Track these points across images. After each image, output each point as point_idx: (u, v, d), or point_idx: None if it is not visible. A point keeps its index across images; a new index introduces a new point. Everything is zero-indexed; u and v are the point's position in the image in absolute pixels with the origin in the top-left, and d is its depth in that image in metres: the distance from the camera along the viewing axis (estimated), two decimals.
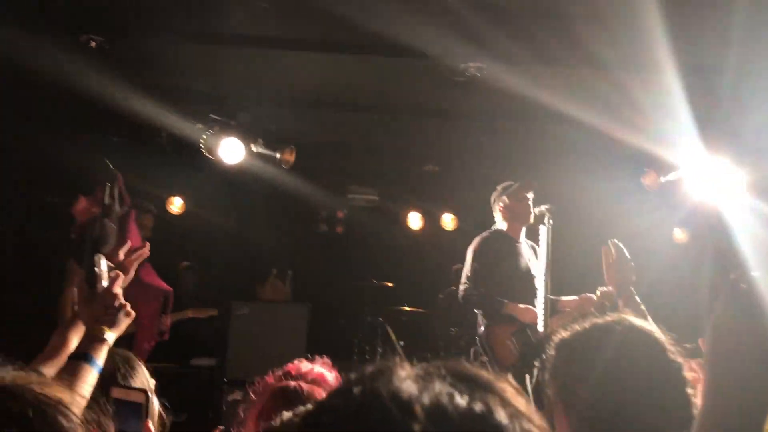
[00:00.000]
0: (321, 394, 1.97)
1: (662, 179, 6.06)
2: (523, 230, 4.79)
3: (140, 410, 1.65)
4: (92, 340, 1.91)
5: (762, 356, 1.12)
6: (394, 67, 5.06)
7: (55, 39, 4.41)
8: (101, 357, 1.89)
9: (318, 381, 1.99)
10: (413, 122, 6.39)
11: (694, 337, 1.77)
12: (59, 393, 0.93)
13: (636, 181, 6.27)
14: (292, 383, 1.97)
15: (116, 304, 2.00)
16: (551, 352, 1.62)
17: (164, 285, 4.26)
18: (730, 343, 1.15)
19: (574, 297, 4.78)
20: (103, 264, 2.05)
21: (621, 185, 6.50)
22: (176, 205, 7.78)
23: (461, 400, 0.65)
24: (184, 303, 7.14)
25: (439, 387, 0.67)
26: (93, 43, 4.47)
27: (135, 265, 2.13)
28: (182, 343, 6.20)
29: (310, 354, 2.17)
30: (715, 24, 4.04)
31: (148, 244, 2.12)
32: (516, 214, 4.79)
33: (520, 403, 0.69)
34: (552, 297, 4.85)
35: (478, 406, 0.65)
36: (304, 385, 1.96)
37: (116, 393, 1.69)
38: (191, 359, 6.94)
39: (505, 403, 0.67)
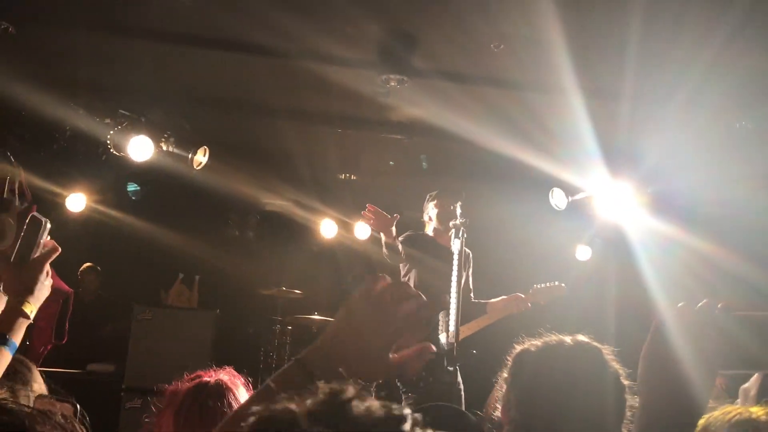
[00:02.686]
0: (243, 390, 1.94)
1: (569, 199, 6.30)
2: (452, 239, 4.82)
3: None
4: (15, 314, 1.80)
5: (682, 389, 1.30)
6: (311, 74, 5.04)
7: None
8: (19, 337, 1.79)
9: (232, 383, 1.95)
10: (330, 130, 6.38)
11: None
12: None
13: (543, 200, 6.49)
14: (211, 379, 1.92)
15: (43, 275, 1.88)
16: (509, 361, 1.78)
17: (65, 286, 4.04)
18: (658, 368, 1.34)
19: (503, 297, 5.00)
20: (46, 234, 1.95)
21: (529, 205, 6.71)
22: (77, 202, 7.42)
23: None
24: (87, 305, 6.83)
25: None
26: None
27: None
28: (79, 348, 5.89)
29: (216, 363, 2.11)
30: (611, 51, 4.26)
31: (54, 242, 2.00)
32: (447, 212, 5.01)
33: None
34: (481, 301, 4.99)
35: None
36: (223, 380, 1.92)
37: (40, 404, 1.61)
38: (88, 364, 6.63)
39: None
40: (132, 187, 7.64)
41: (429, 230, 5.28)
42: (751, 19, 3.72)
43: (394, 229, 4.98)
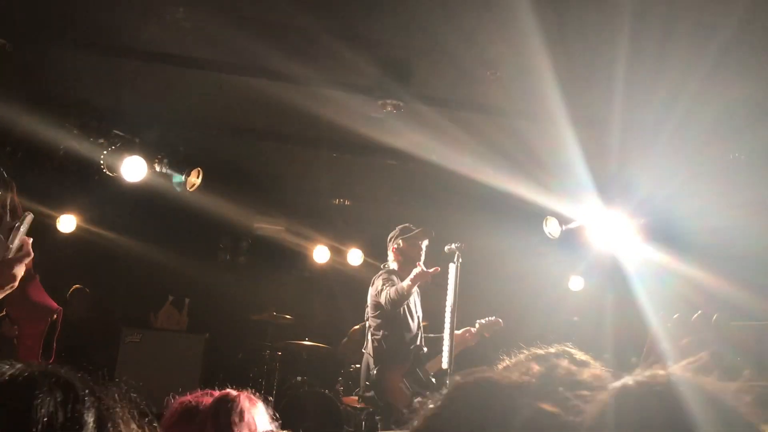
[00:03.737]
0: (262, 406, 1.93)
1: (563, 228, 6.30)
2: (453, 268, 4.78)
3: None
4: None
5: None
6: (308, 97, 5.04)
7: None
8: None
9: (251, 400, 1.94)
10: (325, 155, 6.37)
11: None
12: None
13: (537, 231, 6.48)
14: (236, 393, 1.90)
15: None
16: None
17: (53, 303, 3.96)
18: None
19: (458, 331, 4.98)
20: (22, 232, 1.91)
21: (523, 236, 6.71)
22: (68, 223, 7.36)
23: None
24: (75, 327, 6.73)
25: None
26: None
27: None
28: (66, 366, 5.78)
29: (205, 388, 2.06)
30: (599, 81, 4.29)
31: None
32: (408, 257, 4.92)
33: None
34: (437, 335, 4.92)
35: None
36: (206, 400, 1.89)
37: None
38: None
39: None
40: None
41: (391, 263, 5.07)
42: (732, 50, 3.76)
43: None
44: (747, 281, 5.00)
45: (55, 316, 3.76)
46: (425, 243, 4.94)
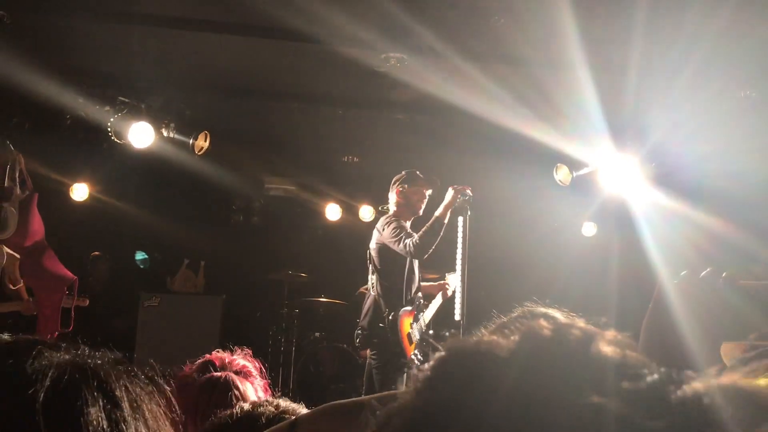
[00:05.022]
0: (251, 386, 1.90)
1: (574, 174, 6.25)
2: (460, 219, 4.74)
3: None
4: None
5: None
6: (313, 55, 4.98)
7: None
8: None
9: (245, 373, 1.91)
10: (332, 112, 6.32)
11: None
12: None
13: (549, 175, 6.44)
14: (221, 374, 1.89)
15: None
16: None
17: (68, 273, 4.02)
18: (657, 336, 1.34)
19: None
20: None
21: (534, 180, 6.67)
22: (80, 191, 7.40)
23: None
24: (97, 293, 6.83)
25: None
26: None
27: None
28: (86, 336, 5.88)
29: (225, 348, 2.08)
30: (619, 24, 4.19)
31: None
32: (410, 202, 4.90)
33: None
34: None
35: None
36: (233, 376, 1.88)
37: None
38: None
39: None
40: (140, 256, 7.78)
41: (392, 206, 5.05)
42: None
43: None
44: (759, 227, 4.96)
45: (71, 284, 3.82)
46: (429, 192, 4.91)
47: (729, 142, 5.36)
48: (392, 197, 5.01)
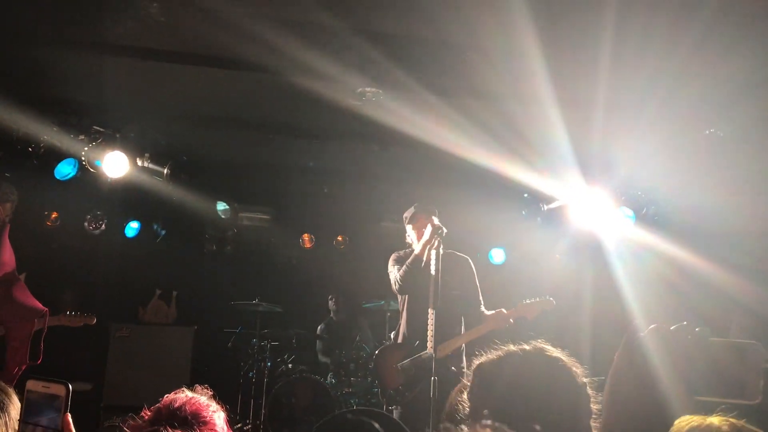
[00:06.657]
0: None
1: (544, 207, 6.36)
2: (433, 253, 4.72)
3: (59, 403, 1.62)
4: None
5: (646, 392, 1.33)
6: (288, 88, 5.04)
7: None
8: None
9: (191, 422, 1.90)
10: (308, 143, 6.38)
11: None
12: None
13: (519, 208, 6.54)
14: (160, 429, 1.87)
15: None
16: (470, 376, 1.75)
17: (39, 305, 3.98)
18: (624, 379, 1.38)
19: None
20: None
21: (506, 213, 6.77)
22: (52, 220, 7.34)
23: None
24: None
25: None
26: None
27: None
28: (54, 366, 5.80)
29: (195, 380, 2.10)
30: (584, 61, 4.33)
31: None
32: (421, 234, 4.88)
33: None
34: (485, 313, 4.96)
35: None
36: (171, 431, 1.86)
37: (31, 385, 1.64)
38: None
39: None
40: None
41: (414, 245, 5.01)
42: (714, 29, 3.80)
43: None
44: (726, 260, 5.08)
45: (41, 316, 3.79)
46: (435, 219, 4.85)
47: (696, 177, 5.50)
48: (412, 234, 5.02)
